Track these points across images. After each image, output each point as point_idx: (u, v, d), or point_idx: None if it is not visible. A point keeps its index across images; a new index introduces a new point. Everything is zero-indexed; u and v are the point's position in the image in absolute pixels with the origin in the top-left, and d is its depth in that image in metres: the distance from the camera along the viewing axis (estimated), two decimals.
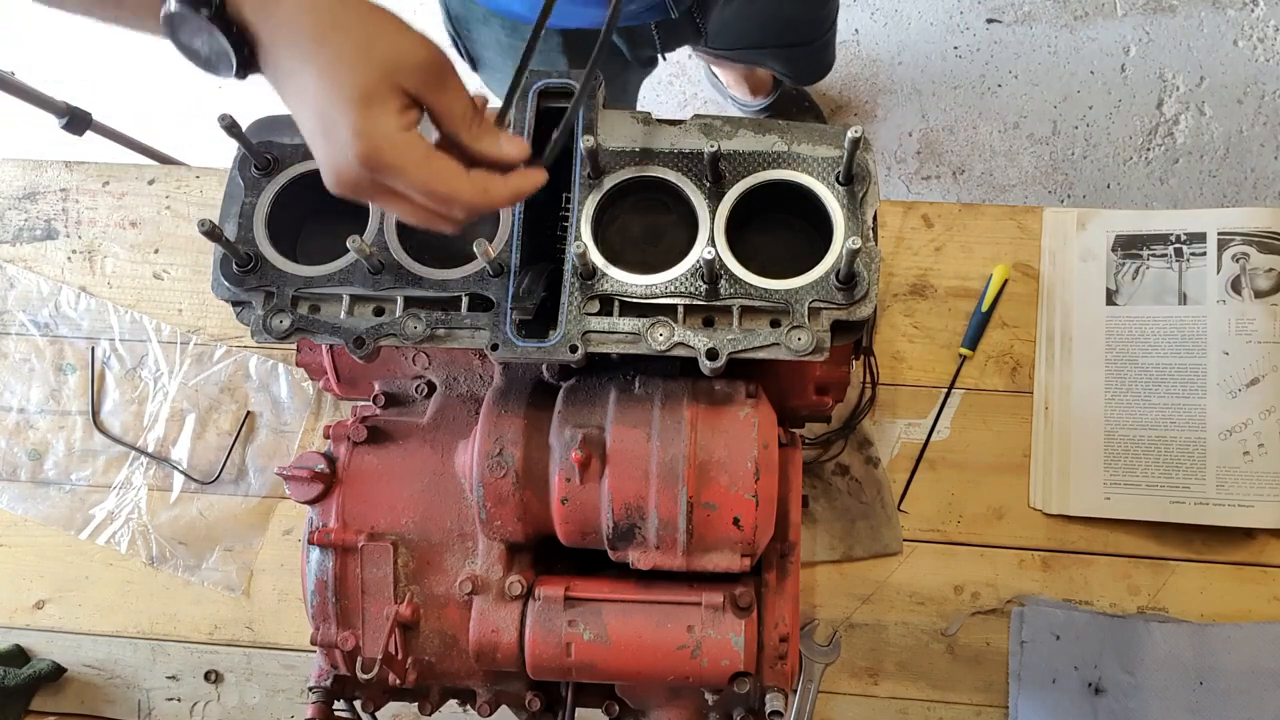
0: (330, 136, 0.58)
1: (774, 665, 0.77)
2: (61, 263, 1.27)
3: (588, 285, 0.72)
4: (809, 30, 1.46)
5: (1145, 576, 1.08)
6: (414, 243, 0.76)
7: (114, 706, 1.19)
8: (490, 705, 0.83)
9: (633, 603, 0.75)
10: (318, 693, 0.80)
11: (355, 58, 0.57)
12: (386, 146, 0.57)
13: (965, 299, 1.15)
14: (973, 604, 1.10)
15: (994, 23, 1.97)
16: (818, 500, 1.13)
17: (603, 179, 0.74)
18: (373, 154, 0.57)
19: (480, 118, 0.63)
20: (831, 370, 0.84)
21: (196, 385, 1.23)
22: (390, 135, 0.57)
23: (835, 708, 1.10)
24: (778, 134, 0.74)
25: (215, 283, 0.74)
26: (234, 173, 0.76)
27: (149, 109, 2.14)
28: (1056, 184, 1.92)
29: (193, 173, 1.29)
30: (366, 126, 0.57)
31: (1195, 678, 1.04)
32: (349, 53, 0.57)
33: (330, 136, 0.58)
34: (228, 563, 1.19)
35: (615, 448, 0.73)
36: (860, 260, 0.70)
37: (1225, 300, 1.09)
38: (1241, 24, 1.90)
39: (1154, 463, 1.08)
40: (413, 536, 0.80)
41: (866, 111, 2.00)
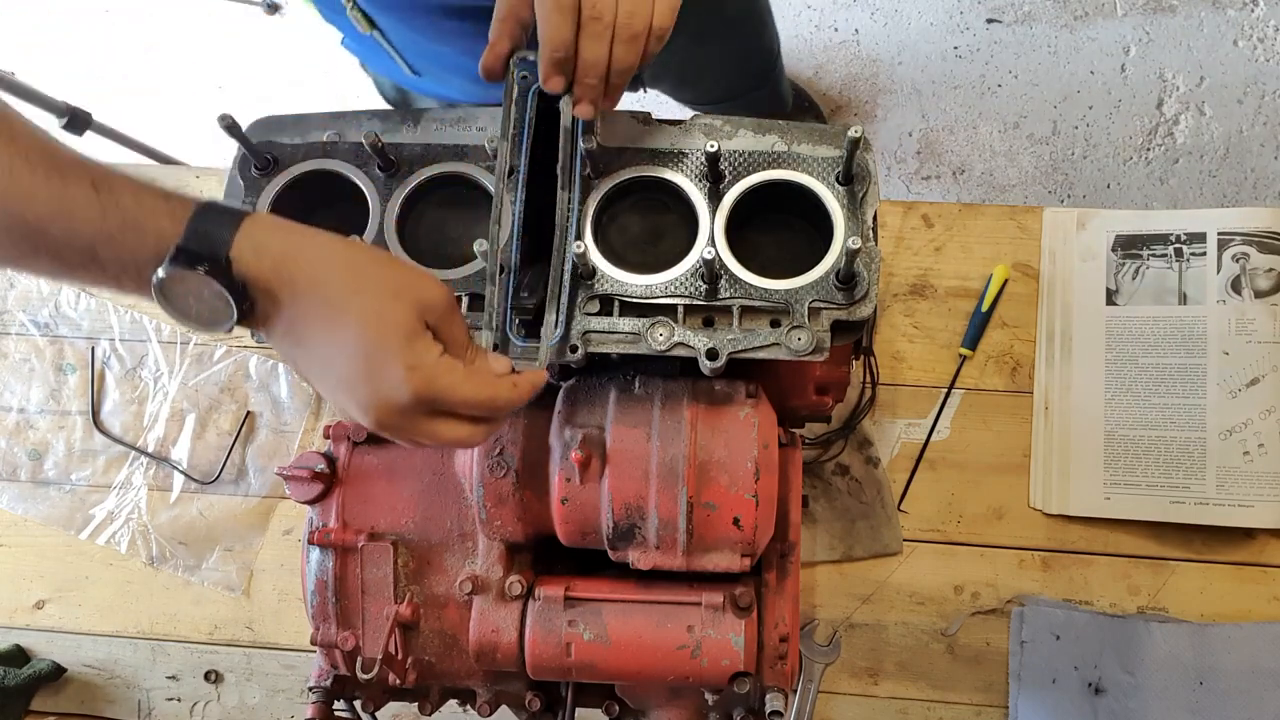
0: (378, 376, 0.60)
1: (774, 665, 0.77)
2: None
3: (588, 285, 0.72)
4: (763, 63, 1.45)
5: (1145, 576, 1.08)
6: (414, 243, 0.76)
7: (114, 706, 1.19)
8: (490, 705, 0.83)
9: (633, 603, 0.75)
10: (318, 693, 0.80)
11: (393, 302, 0.60)
12: (436, 374, 0.61)
13: (965, 299, 1.15)
14: (973, 604, 1.10)
15: (994, 23, 1.97)
16: (818, 500, 1.13)
17: (603, 179, 0.74)
18: (428, 383, 0.60)
19: (472, 343, 0.67)
20: (831, 370, 0.84)
21: (196, 385, 1.23)
22: (436, 364, 0.61)
23: (835, 708, 1.10)
24: (778, 134, 0.74)
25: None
26: (234, 173, 0.76)
27: (149, 109, 2.14)
28: (1056, 184, 1.92)
29: (193, 173, 1.29)
30: (415, 360, 0.60)
31: (1195, 678, 1.04)
32: (386, 298, 0.60)
33: (378, 376, 0.60)
34: (228, 563, 1.19)
35: (615, 448, 0.73)
36: (860, 260, 0.70)
37: (1225, 300, 1.09)
38: (1241, 24, 1.90)
39: (1154, 463, 1.08)
40: (413, 536, 0.80)
41: (866, 111, 2.00)
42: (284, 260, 0.59)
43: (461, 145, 0.76)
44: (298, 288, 0.60)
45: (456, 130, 0.77)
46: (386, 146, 0.74)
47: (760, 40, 1.39)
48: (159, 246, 0.58)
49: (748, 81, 1.44)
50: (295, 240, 0.61)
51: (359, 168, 0.75)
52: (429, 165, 0.75)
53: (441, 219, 0.77)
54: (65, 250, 0.58)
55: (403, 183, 0.75)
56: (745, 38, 1.35)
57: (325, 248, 0.61)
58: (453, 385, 0.62)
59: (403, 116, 0.77)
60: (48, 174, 0.57)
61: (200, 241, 0.58)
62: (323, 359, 0.61)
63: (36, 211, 0.57)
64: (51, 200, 0.57)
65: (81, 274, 0.60)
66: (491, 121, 0.76)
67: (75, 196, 0.57)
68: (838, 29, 2.02)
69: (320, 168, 0.76)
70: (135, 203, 0.58)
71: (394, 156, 0.75)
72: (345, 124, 0.77)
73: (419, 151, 0.76)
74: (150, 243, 0.58)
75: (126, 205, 0.58)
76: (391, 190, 0.75)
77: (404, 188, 0.75)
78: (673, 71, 1.34)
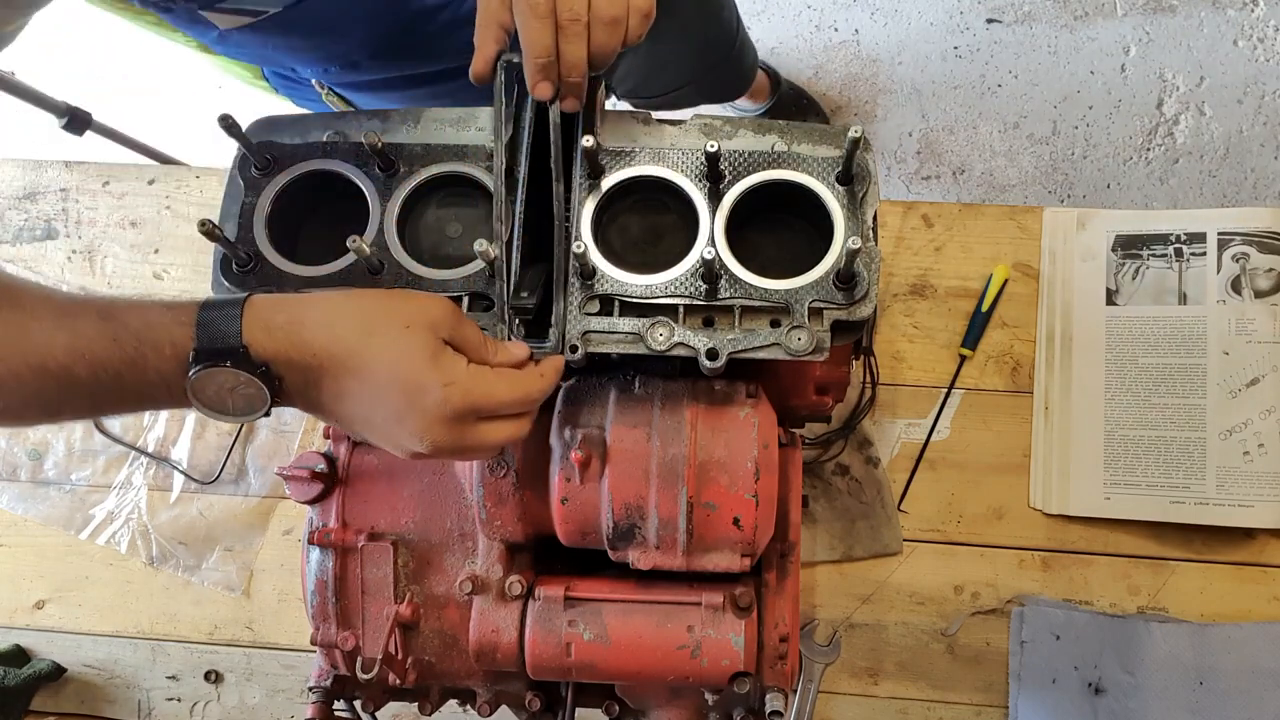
0: (419, 404, 0.62)
1: (774, 665, 0.77)
2: (61, 263, 1.27)
3: (588, 285, 0.72)
4: (724, 43, 1.45)
5: (1145, 576, 1.08)
6: (414, 243, 0.76)
7: (114, 706, 1.19)
8: (490, 705, 0.83)
9: (633, 603, 0.75)
10: (318, 693, 0.80)
11: (407, 333, 0.62)
12: (471, 384, 0.63)
13: (965, 299, 1.15)
14: (973, 604, 1.10)
15: (994, 23, 1.97)
16: (818, 500, 1.13)
17: (603, 179, 0.74)
18: (465, 394, 0.62)
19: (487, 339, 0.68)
20: (831, 370, 0.84)
21: None
22: (467, 374, 0.63)
23: (835, 708, 1.10)
24: (778, 134, 0.74)
25: (215, 283, 0.74)
26: (234, 173, 0.76)
27: (149, 109, 2.14)
28: (1056, 184, 1.92)
29: (193, 173, 1.29)
30: (447, 376, 0.62)
31: (1195, 678, 1.04)
32: (399, 331, 0.62)
33: (419, 404, 0.62)
34: (228, 563, 1.19)
35: (615, 448, 0.73)
36: (860, 260, 0.70)
37: (1225, 300, 1.09)
38: (1241, 24, 1.90)
39: (1154, 463, 1.08)
40: (413, 536, 0.80)
41: (866, 111, 2.00)
42: (293, 331, 0.62)
43: (461, 145, 0.76)
44: (315, 351, 0.62)
45: (456, 130, 0.77)
46: (386, 146, 0.74)
47: (719, 20, 1.39)
48: (178, 356, 0.61)
49: (709, 62, 1.44)
50: (296, 309, 0.63)
51: (359, 168, 0.75)
52: (429, 165, 0.75)
53: (441, 219, 0.77)
54: (95, 387, 0.61)
55: (403, 183, 0.75)
56: (705, 20, 1.34)
57: (327, 306, 0.63)
58: (489, 390, 0.64)
59: (403, 116, 0.77)
60: (58, 321, 0.60)
61: (213, 338, 0.60)
62: (364, 409, 0.63)
63: (58, 359, 0.60)
64: (68, 344, 0.60)
65: (118, 404, 0.63)
66: (491, 121, 0.76)
67: (87, 333, 0.60)
68: (838, 29, 2.01)
69: (320, 168, 0.76)
70: (142, 322, 0.61)
71: (394, 156, 0.75)
72: (345, 124, 0.77)
73: (419, 151, 0.76)
74: (169, 354, 0.61)
75: (135, 327, 0.61)
76: (391, 190, 0.75)
77: (404, 188, 0.75)
78: (637, 72, 1.33)
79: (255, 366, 0.61)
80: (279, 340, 0.61)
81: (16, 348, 0.60)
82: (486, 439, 0.65)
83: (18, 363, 0.60)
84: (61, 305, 0.62)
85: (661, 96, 1.49)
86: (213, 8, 0.79)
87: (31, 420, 0.66)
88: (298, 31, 0.86)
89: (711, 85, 1.53)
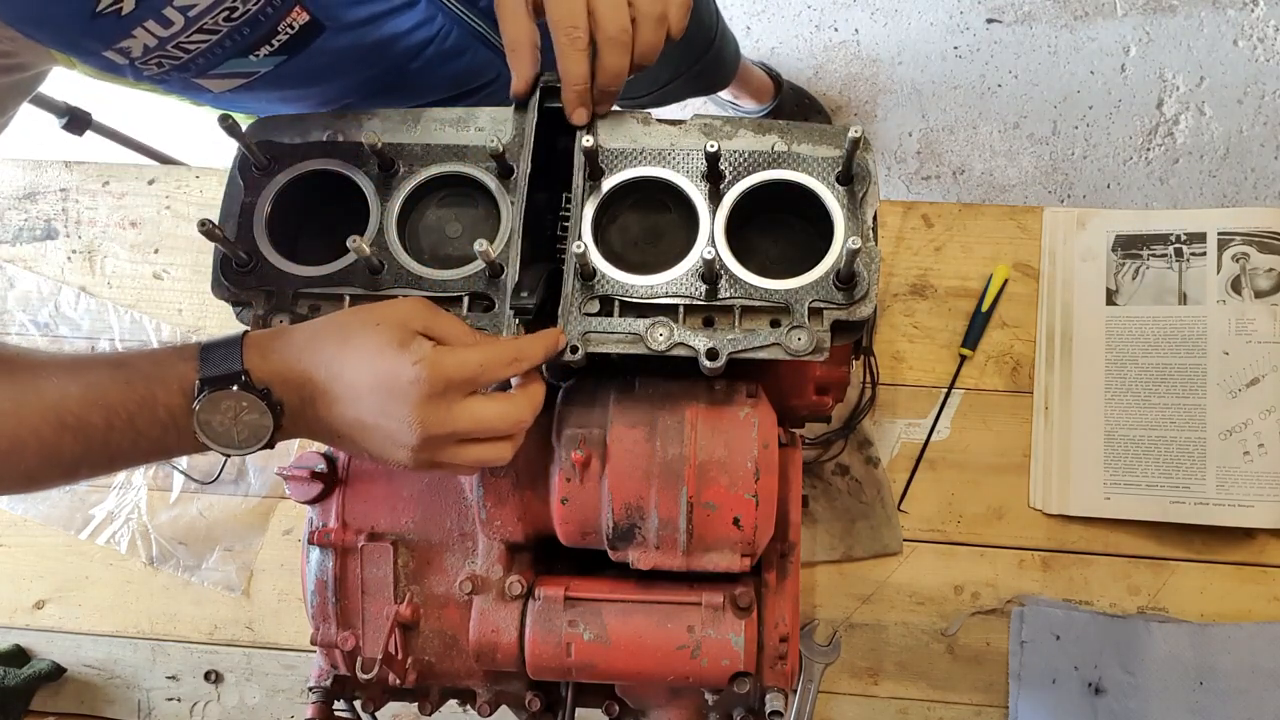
0: (397, 387, 0.63)
1: (774, 665, 0.77)
2: (61, 263, 1.27)
3: (588, 285, 0.72)
4: (704, 38, 1.46)
5: (1145, 576, 1.08)
6: (414, 243, 0.76)
7: (114, 706, 1.19)
8: (490, 705, 0.83)
9: (633, 603, 0.75)
10: (318, 693, 0.80)
11: (376, 330, 0.64)
12: (438, 357, 0.64)
13: (965, 299, 1.15)
14: (973, 604, 1.10)
15: (994, 23, 1.97)
16: (818, 500, 1.13)
17: (602, 179, 0.74)
18: (435, 366, 0.63)
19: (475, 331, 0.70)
20: (831, 370, 0.84)
21: None
22: (435, 350, 0.64)
23: (835, 708, 1.10)
24: (778, 134, 0.74)
25: (215, 283, 0.74)
26: (234, 173, 0.76)
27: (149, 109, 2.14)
28: (1056, 184, 1.92)
29: (193, 173, 1.29)
30: (415, 355, 0.63)
31: (1195, 678, 1.04)
32: (370, 332, 0.64)
33: (397, 387, 0.63)
34: (228, 563, 1.19)
35: (615, 448, 0.73)
36: (860, 260, 0.70)
37: (1225, 300, 1.09)
38: (1241, 24, 1.90)
39: (1154, 463, 1.08)
40: (413, 536, 0.80)
41: (866, 111, 2.00)
42: (285, 352, 0.65)
43: (461, 145, 0.76)
44: (305, 366, 0.65)
45: (456, 130, 0.77)
46: (386, 146, 0.74)
47: (698, 14, 1.39)
48: (184, 390, 0.64)
49: (691, 56, 1.44)
50: (287, 334, 0.66)
51: (359, 168, 0.75)
52: (429, 165, 0.75)
53: (441, 219, 0.77)
54: (110, 435, 0.64)
55: (403, 183, 0.75)
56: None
57: (312, 326, 0.67)
58: (460, 361, 0.64)
59: (403, 116, 0.77)
60: (71, 374, 0.64)
61: (217, 366, 0.64)
62: (354, 412, 0.65)
63: (73, 410, 0.63)
64: (82, 394, 0.63)
65: (131, 450, 0.66)
66: (491, 121, 0.76)
67: (101, 381, 0.64)
68: (838, 29, 2.01)
69: (320, 168, 0.76)
70: (150, 363, 0.65)
71: (394, 156, 0.75)
72: (345, 124, 0.77)
73: (419, 151, 0.76)
74: (176, 389, 0.64)
75: (145, 369, 0.64)
76: (391, 190, 0.75)
77: (404, 188, 0.75)
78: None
79: (257, 390, 0.64)
80: (274, 363, 0.65)
81: (33, 406, 0.63)
82: (480, 418, 0.65)
83: (36, 420, 0.63)
84: (73, 361, 0.66)
85: (647, 95, 1.49)
86: (205, 75, 0.81)
87: (50, 481, 0.68)
88: (289, 85, 0.89)
89: (696, 79, 1.55)
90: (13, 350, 0.66)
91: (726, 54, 1.59)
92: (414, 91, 0.99)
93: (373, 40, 0.89)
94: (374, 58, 0.92)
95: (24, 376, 0.64)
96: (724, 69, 1.65)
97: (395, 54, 0.92)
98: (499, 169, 0.74)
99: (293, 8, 0.81)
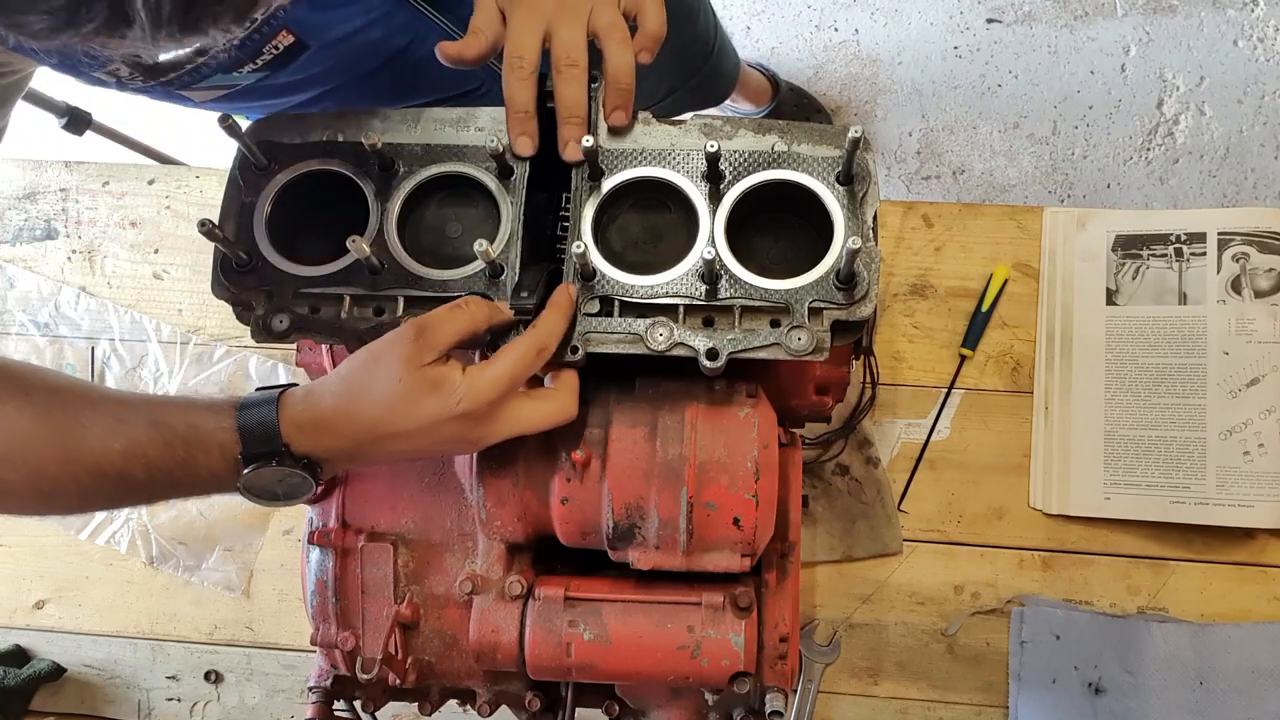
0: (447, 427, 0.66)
1: (774, 665, 0.77)
2: (61, 263, 1.27)
3: (588, 286, 0.72)
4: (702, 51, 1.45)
5: (1145, 576, 1.08)
6: (414, 243, 0.76)
7: (114, 706, 1.19)
8: (490, 705, 0.83)
9: (633, 603, 0.75)
10: (318, 693, 0.80)
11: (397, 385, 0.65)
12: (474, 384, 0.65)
13: (965, 299, 1.15)
14: (973, 604, 1.10)
15: (994, 23, 1.97)
16: (818, 500, 1.13)
17: (602, 179, 0.74)
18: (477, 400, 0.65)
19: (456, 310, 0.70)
20: (831, 370, 0.84)
21: (196, 385, 1.23)
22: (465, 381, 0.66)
23: (835, 708, 1.10)
24: (778, 134, 0.74)
25: (215, 283, 0.74)
26: (234, 173, 0.76)
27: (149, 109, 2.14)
28: (1056, 184, 1.92)
29: (193, 173, 1.29)
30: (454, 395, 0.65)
31: (1195, 678, 1.04)
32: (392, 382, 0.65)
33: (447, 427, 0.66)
34: (228, 563, 1.19)
35: (615, 448, 0.73)
36: (860, 260, 0.70)
37: (1225, 300, 1.09)
38: (1241, 24, 1.89)
39: (1154, 463, 1.08)
40: (413, 536, 0.80)
41: (866, 111, 2.00)
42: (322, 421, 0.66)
43: (461, 145, 0.76)
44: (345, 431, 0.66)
45: (456, 130, 0.77)
46: (386, 146, 0.74)
47: (695, 28, 1.39)
48: (225, 457, 0.66)
49: (689, 70, 1.44)
50: (319, 404, 0.67)
51: (359, 168, 0.75)
52: (429, 165, 0.75)
53: (441, 219, 0.77)
54: (151, 486, 0.66)
55: (403, 183, 0.75)
56: (680, 28, 1.35)
57: (338, 390, 0.67)
58: (495, 379, 0.66)
59: (403, 116, 0.77)
60: (112, 427, 0.65)
61: (258, 442, 0.65)
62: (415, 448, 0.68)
63: (114, 464, 0.65)
64: (124, 449, 0.65)
65: (171, 495, 0.69)
66: (491, 121, 0.76)
67: (140, 439, 0.65)
68: (838, 29, 2.01)
69: (320, 168, 0.76)
70: (187, 426, 0.66)
71: (394, 156, 0.75)
72: (345, 124, 0.77)
73: (419, 151, 0.76)
74: (217, 456, 0.66)
75: (182, 431, 0.66)
76: (391, 190, 0.75)
77: (404, 188, 0.75)
78: None
79: (298, 460, 0.66)
80: (313, 437, 0.66)
81: (74, 453, 0.65)
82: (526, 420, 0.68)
83: (76, 467, 0.65)
84: (112, 410, 0.67)
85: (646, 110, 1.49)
86: (188, 87, 0.82)
87: (91, 510, 0.72)
88: (271, 95, 0.92)
89: (694, 93, 1.55)
90: (47, 383, 0.68)
91: (725, 67, 1.59)
92: (399, 95, 1.00)
93: (355, 53, 0.90)
94: (357, 68, 0.92)
95: (65, 422, 0.65)
96: (722, 82, 1.65)
97: (376, 63, 0.93)
98: (499, 169, 0.74)
99: (279, 31, 0.82)
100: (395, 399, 0.65)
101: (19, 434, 0.65)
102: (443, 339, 0.66)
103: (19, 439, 0.65)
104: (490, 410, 0.66)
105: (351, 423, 0.66)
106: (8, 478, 0.65)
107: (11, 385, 0.67)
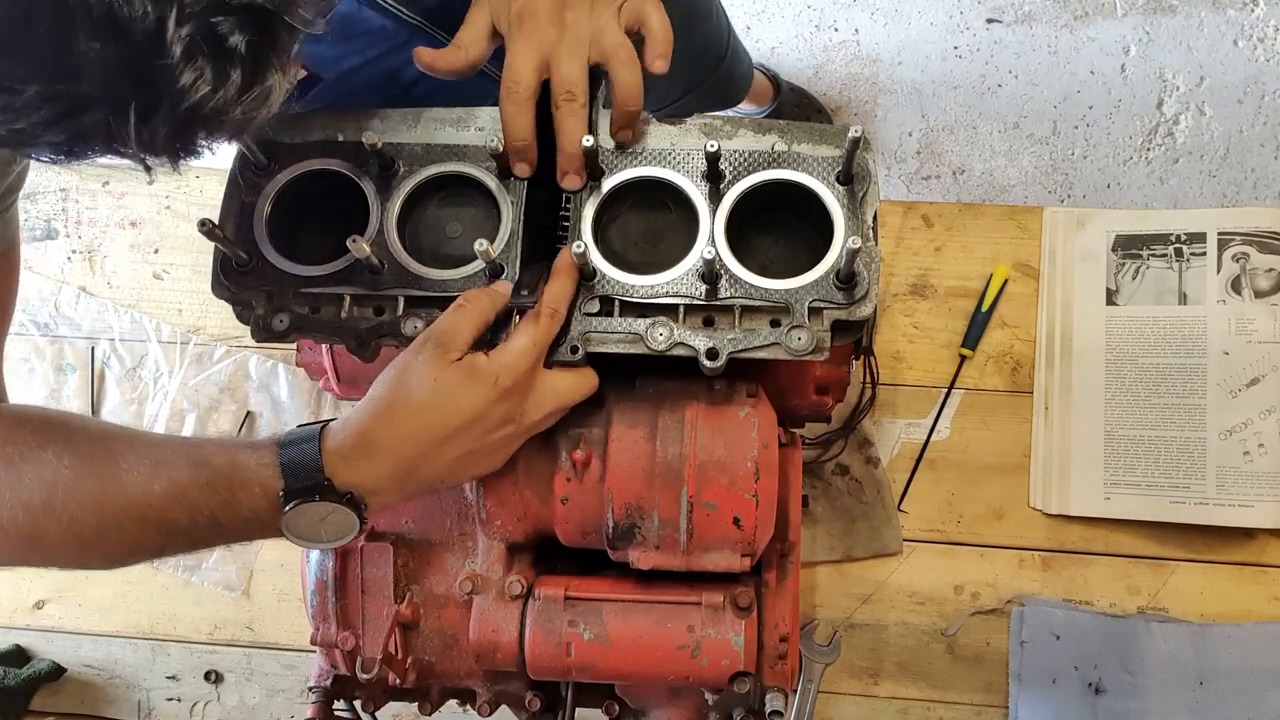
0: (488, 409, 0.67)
1: (774, 665, 0.77)
2: (61, 263, 1.27)
3: (588, 285, 0.72)
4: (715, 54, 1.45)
5: (1145, 576, 1.08)
6: (414, 243, 0.76)
7: (114, 706, 1.19)
8: (490, 705, 0.83)
9: (633, 603, 0.75)
10: (318, 693, 0.80)
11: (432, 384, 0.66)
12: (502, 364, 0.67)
13: (965, 299, 1.15)
14: (973, 604, 1.10)
15: (994, 23, 1.97)
16: (818, 500, 1.13)
17: (603, 179, 0.74)
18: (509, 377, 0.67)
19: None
20: (831, 370, 0.84)
21: (196, 385, 1.23)
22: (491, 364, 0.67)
23: (835, 708, 1.10)
24: (778, 134, 0.74)
25: (215, 283, 0.74)
26: (234, 172, 0.76)
27: None
28: (1056, 184, 1.92)
29: (193, 173, 1.28)
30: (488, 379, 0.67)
31: (1195, 678, 1.04)
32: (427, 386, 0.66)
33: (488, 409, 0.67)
34: (228, 563, 1.19)
35: (615, 447, 0.73)
36: (860, 260, 0.70)
37: (1225, 300, 1.09)
38: (1241, 24, 1.89)
39: (1154, 463, 1.08)
40: (413, 536, 0.80)
41: (866, 111, 2.00)
42: (367, 449, 0.66)
43: (461, 145, 0.76)
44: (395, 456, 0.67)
45: (456, 130, 0.77)
46: (386, 146, 0.74)
47: (707, 31, 1.39)
48: (268, 496, 0.65)
49: (701, 73, 1.44)
50: (361, 432, 0.67)
51: (359, 167, 0.75)
52: (429, 165, 0.75)
53: (441, 219, 0.77)
54: (194, 530, 0.66)
55: (403, 182, 0.75)
56: (692, 32, 1.34)
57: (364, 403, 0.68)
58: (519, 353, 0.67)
59: (403, 116, 0.77)
60: (152, 471, 0.65)
61: (301, 479, 0.65)
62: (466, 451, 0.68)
63: (156, 508, 0.65)
64: (166, 492, 0.65)
65: (215, 540, 0.68)
66: (491, 121, 0.76)
67: (181, 480, 0.65)
68: (838, 29, 2.01)
69: (320, 168, 0.76)
70: (229, 465, 0.66)
71: (394, 156, 0.75)
72: (345, 124, 0.77)
73: (419, 151, 0.76)
74: (259, 494, 0.65)
75: (224, 470, 0.65)
76: (391, 190, 0.75)
77: (404, 187, 0.75)
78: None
79: (340, 496, 0.65)
80: (356, 465, 0.66)
81: (115, 499, 0.64)
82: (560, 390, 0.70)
83: (119, 514, 0.64)
84: (152, 452, 0.66)
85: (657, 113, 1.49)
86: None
87: (136, 560, 0.70)
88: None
89: (707, 96, 1.54)
90: (89, 430, 0.67)
91: (738, 70, 1.59)
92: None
93: (369, 84, 0.90)
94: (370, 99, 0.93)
95: (106, 470, 0.65)
96: (735, 85, 1.64)
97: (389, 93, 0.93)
98: (499, 169, 0.74)
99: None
100: (437, 398, 0.66)
101: (61, 481, 0.64)
102: (461, 336, 0.67)
103: (60, 486, 0.64)
104: (528, 381, 0.68)
105: (398, 437, 0.66)
106: (48, 526, 0.64)
107: (54, 433, 0.66)
